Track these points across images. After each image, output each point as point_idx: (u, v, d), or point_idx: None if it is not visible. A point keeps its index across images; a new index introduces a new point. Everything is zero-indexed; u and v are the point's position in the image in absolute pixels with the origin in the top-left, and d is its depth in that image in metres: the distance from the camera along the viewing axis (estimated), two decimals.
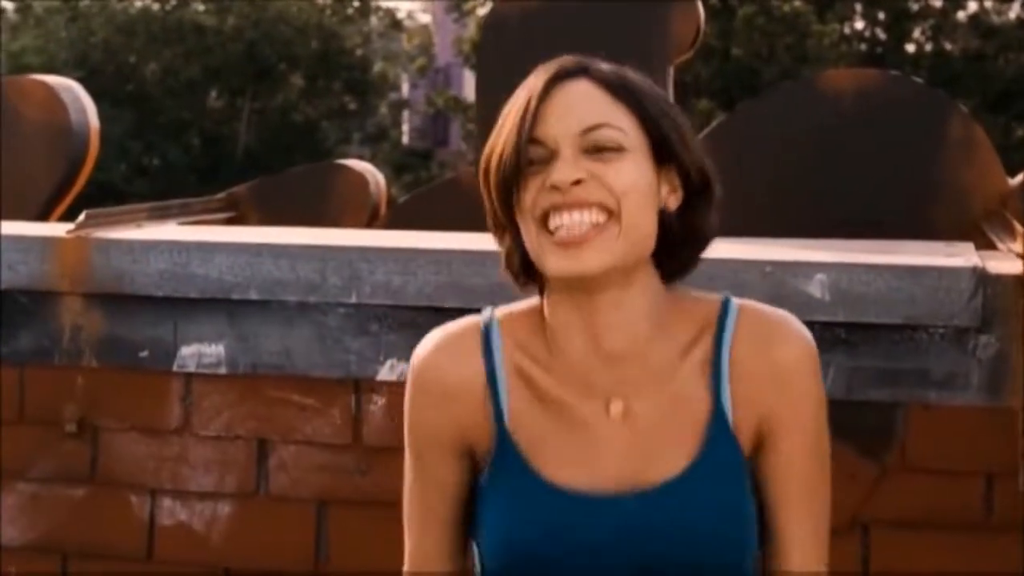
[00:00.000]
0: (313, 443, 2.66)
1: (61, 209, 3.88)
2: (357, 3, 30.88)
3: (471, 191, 1.72)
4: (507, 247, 1.64)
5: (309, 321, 2.64)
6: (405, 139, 35.81)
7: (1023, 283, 2.39)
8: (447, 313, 2.49)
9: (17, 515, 2.80)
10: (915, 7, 26.06)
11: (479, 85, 3.79)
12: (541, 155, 1.55)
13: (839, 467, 2.39)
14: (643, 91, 1.60)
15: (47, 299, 2.76)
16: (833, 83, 3.49)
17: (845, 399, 2.44)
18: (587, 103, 1.57)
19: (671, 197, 1.61)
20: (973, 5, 27.10)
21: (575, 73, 1.59)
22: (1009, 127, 23.85)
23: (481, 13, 25.55)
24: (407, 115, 36.18)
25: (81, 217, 2.80)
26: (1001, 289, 2.39)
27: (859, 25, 26.84)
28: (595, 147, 1.55)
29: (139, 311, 2.71)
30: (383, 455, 2.60)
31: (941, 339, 2.41)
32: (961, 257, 2.52)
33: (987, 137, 3.40)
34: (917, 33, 26.50)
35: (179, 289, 2.67)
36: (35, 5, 27.71)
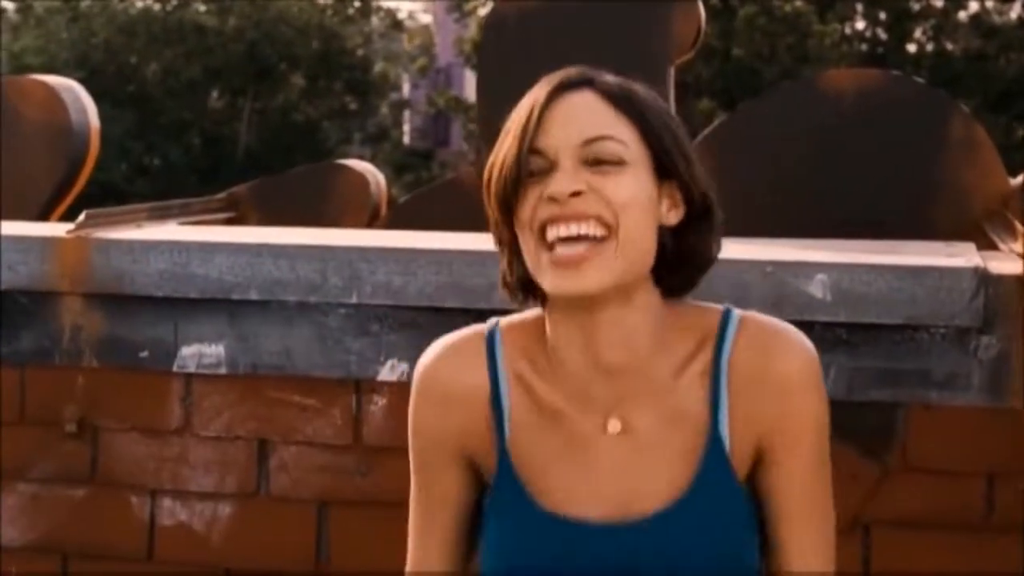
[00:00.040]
0: (313, 443, 2.66)
1: (61, 209, 3.88)
2: (358, 3, 30.89)
3: (472, 191, 1.72)
4: (506, 261, 1.63)
5: (309, 321, 2.64)
6: (406, 139, 35.82)
7: None
8: (448, 313, 2.50)
9: (17, 515, 2.80)
10: (916, 7, 26.06)
11: (479, 85, 3.79)
12: (541, 166, 1.54)
13: (840, 468, 2.40)
14: (647, 104, 1.58)
15: (47, 299, 2.75)
16: (834, 83, 3.48)
17: (846, 399, 2.43)
18: (589, 114, 1.55)
19: (672, 213, 1.59)
20: (974, 5, 27.07)
21: (579, 84, 1.57)
22: (1010, 127, 23.85)
23: (482, 13, 25.54)
24: (408, 115, 36.20)
25: (81, 217, 2.80)
26: (1002, 289, 2.39)
27: (860, 25, 26.84)
28: (595, 159, 1.54)
29: (139, 311, 2.71)
30: (384, 456, 2.59)
31: (942, 339, 2.41)
32: (962, 257, 2.52)
33: (988, 137, 3.40)
34: (918, 33, 26.50)
35: (179, 289, 2.67)
36: (36, 5, 27.72)
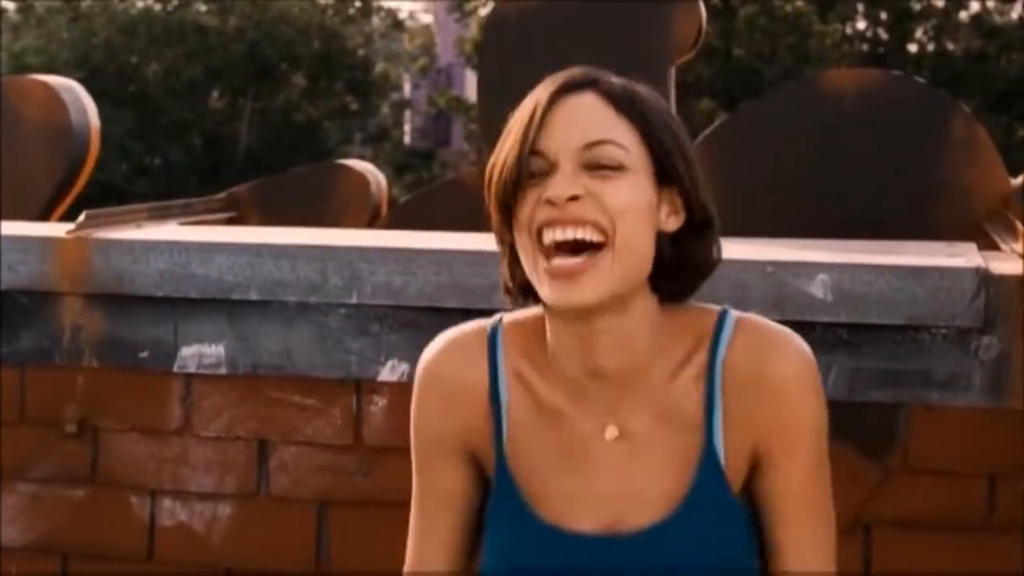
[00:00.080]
0: (314, 444, 2.65)
1: (62, 209, 3.88)
2: (359, 3, 30.90)
3: (472, 191, 1.72)
4: (507, 262, 1.62)
5: (310, 321, 2.64)
6: (407, 139, 35.83)
7: None
8: (448, 314, 2.50)
9: (17, 516, 2.80)
10: (917, 7, 26.06)
11: (480, 85, 3.79)
12: (541, 167, 1.54)
13: (841, 468, 2.39)
14: (650, 108, 1.57)
15: (47, 299, 2.75)
16: (835, 83, 3.48)
17: (847, 400, 2.43)
18: (591, 118, 1.55)
19: (671, 219, 1.58)
20: (975, 5, 27.09)
21: (582, 85, 1.56)
22: (1011, 127, 23.85)
23: (483, 13, 25.55)
24: (409, 115, 36.22)
25: (81, 217, 2.80)
26: (1004, 290, 2.38)
27: (861, 25, 26.85)
28: (595, 164, 1.53)
29: (139, 311, 2.71)
30: (384, 456, 2.59)
31: (943, 340, 2.41)
32: (963, 257, 2.51)
33: (989, 137, 3.39)
34: (919, 33, 26.50)
35: (179, 289, 2.67)
36: (37, 5, 27.73)
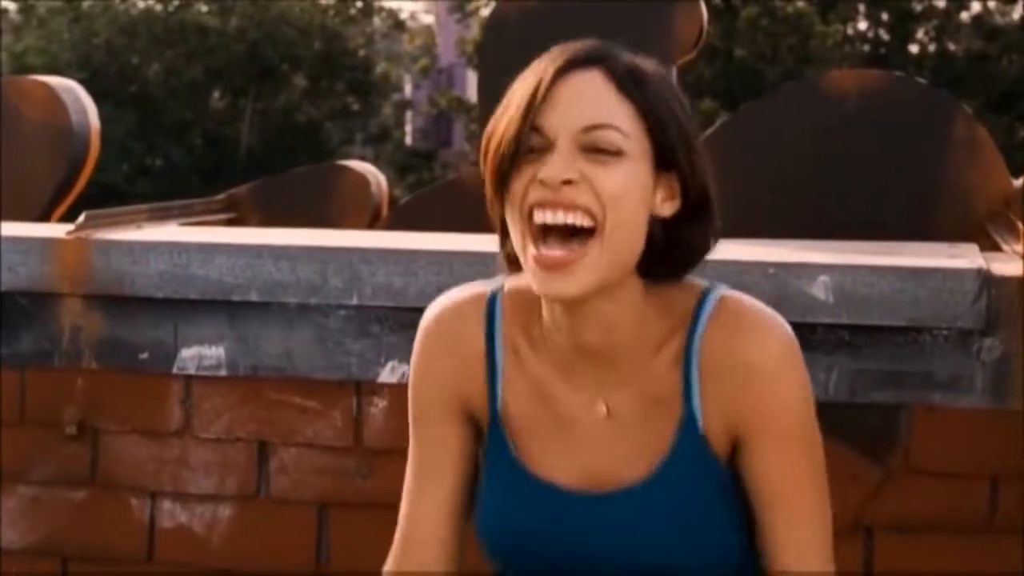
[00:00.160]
0: (314, 445, 2.65)
1: (62, 210, 3.87)
2: (360, 4, 30.91)
3: (473, 192, 1.71)
4: (501, 234, 1.62)
5: (310, 323, 2.63)
6: (408, 140, 35.83)
7: None
8: None
9: (17, 518, 2.79)
10: (918, 8, 26.07)
11: (480, 86, 3.78)
12: (539, 144, 1.53)
13: (842, 469, 2.40)
14: (655, 91, 1.56)
15: (47, 301, 2.75)
16: (836, 84, 3.47)
17: (848, 401, 2.43)
18: (594, 99, 1.53)
19: (666, 204, 1.57)
20: (976, 6, 27.11)
21: (589, 62, 1.55)
22: (1013, 128, 23.86)
23: (484, 14, 25.55)
24: (410, 116, 36.23)
25: (81, 218, 2.79)
26: (1006, 291, 2.38)
27: (862, 26, 26.85)
28: (593, 147, 1.52)
29: (139, 313, 2.70)
30: (384, 458, 2.59)
31: (945, 341, 2.40)
32: (965, 259, 2.50)
33: (991, 138, 3.39)
34: (920, 34, 26.51)
35: (179, 291, 2.66)
36: (38, 6, 27.75)
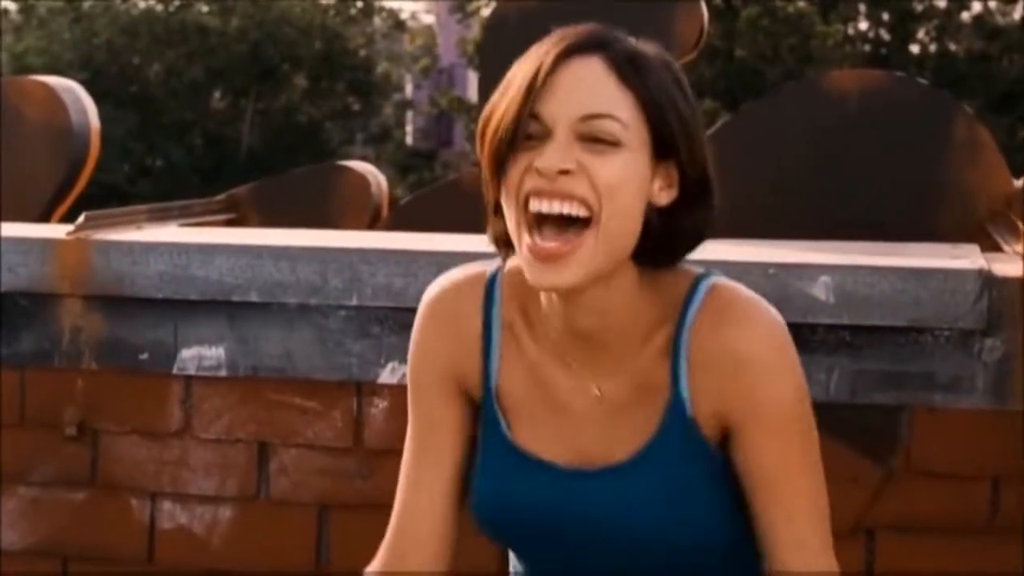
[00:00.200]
0: (314, 446, 2.65)
1: (62, 210, 3.87)
2: (361, 4, 30.91)
3: (473, 192, 1.70)
4: (497, 222, 1.61)
5: (310, 323, 2.63)
6: (409, 140, 35.84)
7: None
8: None
9: (17, 519, 2.79)
10: (919, 8, 26.08)
11: (481, 86, 3.78)
12: (537, 131, 1.52)
13: (843, 470, 2.40)
14: (656, 79, 1.54)
15: (47, 301, 2.74)
16: (837, 84, 3.47)
17: (849, 402, 2.42)
18: (593, 87, 1.52)
19: (663, 193, 1.56)
20: (977, 6, 27.10)
21: (589, 48, 1.54)
22: (1014, 128, 23.85)
23: (485, 14, 25.55)
24: (411, 116, 36.23)
25: (81, 219, 2.79)
26: (1007, 292, 2.37)
27: (863, 26, 26.86)
28: (591, 136, 1.51)
29: (139, 313, 2.70)
30: (384, 458, 2.58)
31: (946, 342, 2.40)
32: (966, 259, 2.50)
33: (992, 138, 3.38)
34: (921, 34, 26.52)
35: (179, 291, 2.66)
36: (39, 6, 27.75)
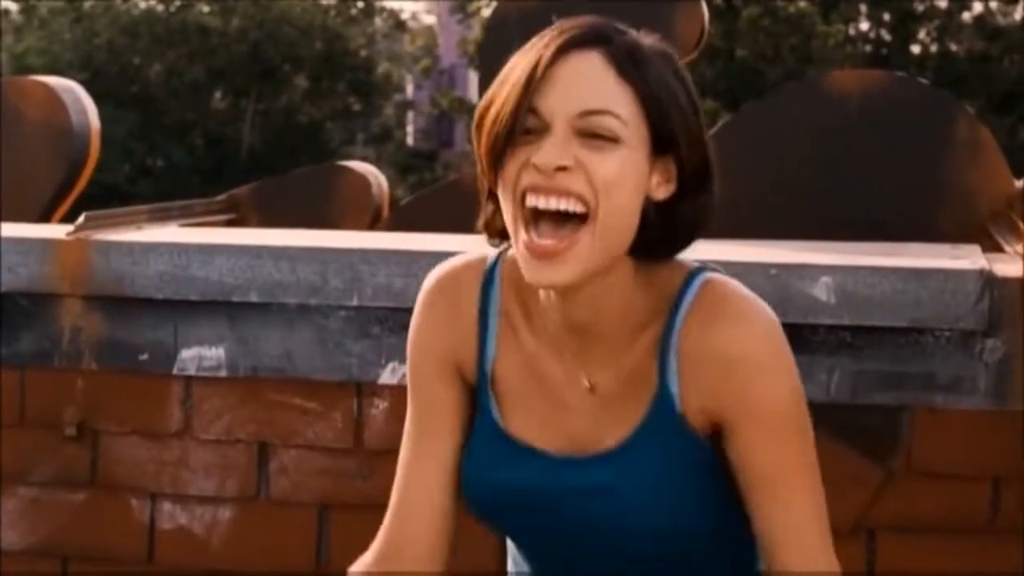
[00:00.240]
0: (314, 447, 2.64)
1: (63, 210, 3.87)
2: (361, 4, 30.91)
3: (473, 193, 1.70)
4: (491, 209, 1.61)
5: (310, 324, 2.63)
6: (410, 140, 35.83)
7: None
8: None
9: (17, 519, 2.79)
10: (920, 8, 26.06)
11: (481, 86, 3.78)
12: (535, 126, 1.52)
13: (844, 471, 2.40)
14: (656, 73, 1.55)
15: (47, 301, 2.74)
16: (838, 84, 3.46)
17: (850, 403, 2.42)
18: (592, 82, 1.52)
19: (661, 188, 1.56)
20: (978, 6, 27.07)
21: (589, 43, 1.54)
22: (1015, 128, 23.83)
23: (486, 14, 25.55)
24: (411, 116, 36.22)
25: (81, 219, 2.79)
26: (1008, 292, 2.37)
27: (864, 26, 26.85)
28: (590, 132, 1.51)
29: (139, 314, 2.70)
30: (385, 459, 2.58)
31: (947, 342, 2.40)
32: (967, 259, 2.50)
33: (993, 138, 3.38)
34: (922, 34, 26.50)
35: (179, 291, 2.66)
36: (39, 6, 27.76)
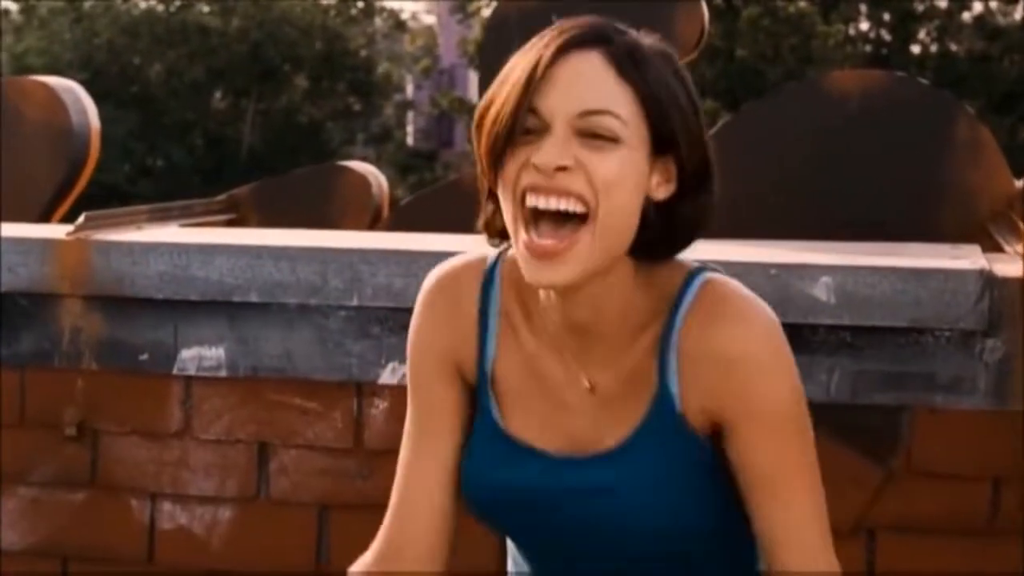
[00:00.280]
0: (314, 447, 2.64)
1: (63, 210, 3.87)
2: (361, 4, 30.90)
3: (473, 193, 1.70)
4: (491, 208, 1.61)
5: (310, 324, 2.63)
6: (410, 140, 35.82)
7: None
8: None
9: (17, 519, 2.79)
10: (920, 8, 26.06)
11: (481, 86, 3.78)
12: (535, 125, 1.52)
13: (844, 471, 2.40)
14: (656, 73, 1.55)
15: (47, 301, 2.74)
16: (838, 84, 3.46)
17: (850, 403, 2.42)
18: (592, 82, 1.52)
19: (661, 188, 1.56)
20: (978, 6, 27.07)
21: (589, 43, 1.54)
22: (1015, 128, 23.83)
23: (486, 14, 25.55)
24: (412, 116, 36.22)
25: (81, 219, 2.79)
26: (1008, 292, 2.37)
27: (864, 26, 26.84)
28: (590, 132, 1.51)
29: (139, 314, 2.70)
30: (385, 459, 2.57)
31: (947, 342, 2.39)
32: (967, 259, 2.50)
33: (993, 138, 3.38)
34: (922, 34, 26.50)
35: (179, 291, 2.66)
36: (39, 6, 27.75)
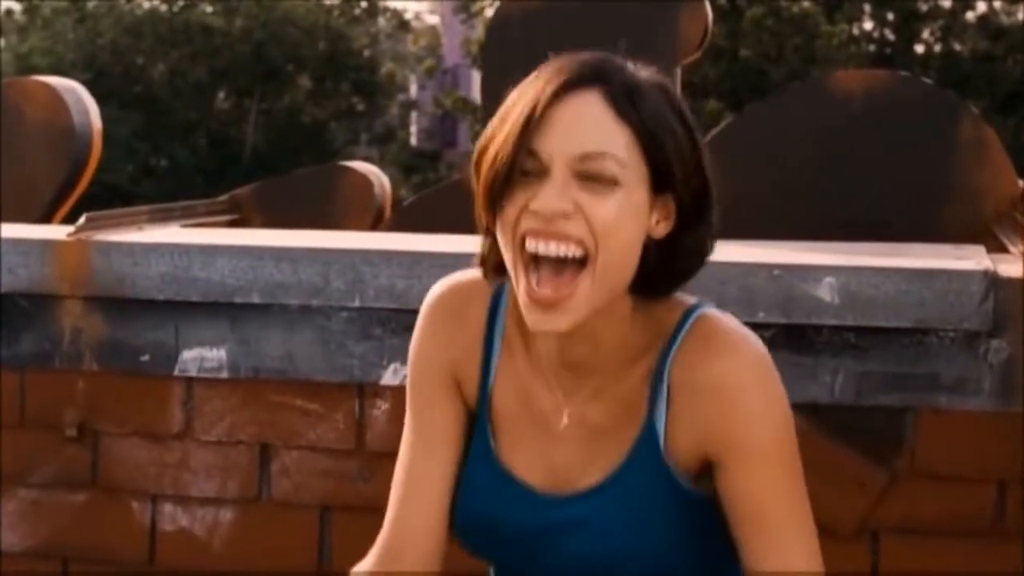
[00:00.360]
0: (316, 448, 2.64)
1: (64, 211, 3.86)
2: (365, 4, 30.91)
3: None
4: (488, 245, 1.62)
5: (312, 325, 2.62)
6: (413, 140, 35.83)
7: None
8: None
9: (18, 520, 2.78)
10: (924, 8, 26.04)
11: (484, 86, 3.77)
12: (534, 168, 1.51)
13: (848, 473, 2.39)
14: (654, 111, 1.53)
15: (48, 302, 2.73)
16: (842, 84, 3.45)
17: (854, 404, 2.41)
18: (591, 124, 1.50)
19: (661, 225, 1.56)
20: (982, 6, 27.03)
21: (587, 82, 1.52)
22: (1019, 128, 23.79)
23: (489, 14, 25.56)
24: (415, 116, 36.22)
25: (81, 220, 2.78)
26: (1012, 293, 2.36)
27: (868, 26, 26.82)
28: (589, 175, 1.50)
29: (140, 314, 2.69)
30: (386, 461, 2.55)
31: (951, 343, 2.39)
32: (972, 260, 2.49)
33: (997, 138, 3.37)
34: (926, 34, 26.48)
35: (180, 292, 2.65)
36: (43, 6, 27.78)
